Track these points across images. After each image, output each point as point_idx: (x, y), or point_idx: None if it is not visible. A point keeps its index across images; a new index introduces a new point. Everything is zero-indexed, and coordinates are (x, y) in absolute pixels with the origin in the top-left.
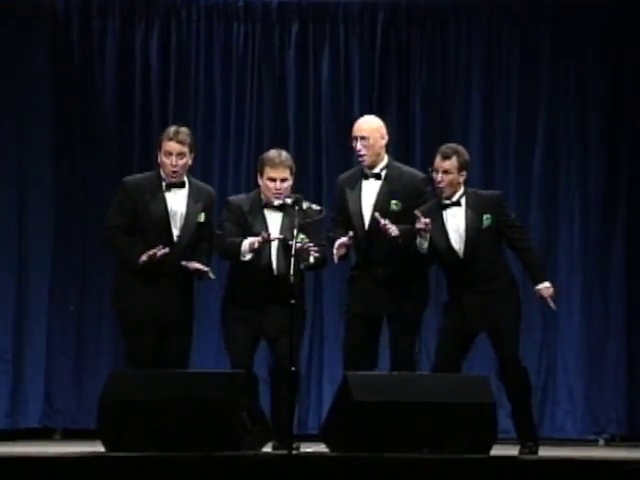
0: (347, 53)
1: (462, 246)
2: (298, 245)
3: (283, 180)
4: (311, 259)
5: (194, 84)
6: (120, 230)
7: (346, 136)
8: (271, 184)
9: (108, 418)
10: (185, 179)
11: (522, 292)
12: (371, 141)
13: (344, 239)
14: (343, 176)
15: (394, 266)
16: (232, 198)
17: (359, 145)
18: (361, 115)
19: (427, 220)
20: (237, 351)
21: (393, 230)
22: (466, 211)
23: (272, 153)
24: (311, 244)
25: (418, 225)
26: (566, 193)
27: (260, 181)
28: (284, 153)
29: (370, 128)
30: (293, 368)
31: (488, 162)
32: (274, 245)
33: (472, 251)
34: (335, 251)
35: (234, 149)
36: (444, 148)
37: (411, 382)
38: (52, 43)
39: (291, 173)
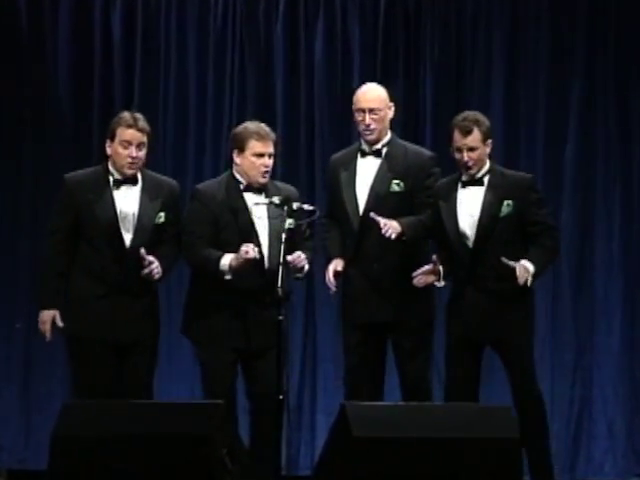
0: (345, 24)
1: (473, 233)
2: (289, 258)
3: (271, 156)
4: (305, 270)
5: (164, 62)
6: (62, 234)
7: (342, 123)
8: (259, 160)
9: (61, 457)
10: (138, 174)
11: (553, 306)
12: (382, 113)
13: (338, 266)
14: (336, 156)
15: (392, 259)
16: (201, 186)
17: (368, 119)
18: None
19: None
20: (213, 374)
21: (395, 228)
22: (486, 193)
23: (254, 126)
24: (302, 257)
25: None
26: (604, 186)
27: (238, 159)
28: (268, 128)
29: (380, 99)
30: (281, 396)
31: (511, 149)
32: (264, 233)
33: (484, 241)
34: (330, 280)
35: (211, 138)
36: (461, 121)
37: (419, 414)
38: None
39: (275, 149)
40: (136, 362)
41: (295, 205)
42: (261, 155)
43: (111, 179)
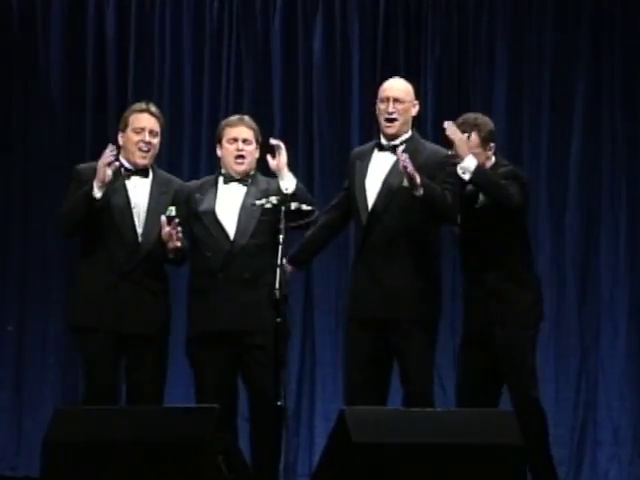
0: (344, 20)
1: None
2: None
3: (246, 142)
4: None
5: (159, 59)
6: None
7: (341, 121)
8: (232, 146)
9: (54, 463)
10: (150, 170)
11: (557, 308)
12: (406, 105)
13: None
14: (356, 149)
15: (397, 256)
16: (187, 183)
17: (391, 107)
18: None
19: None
20: (203, 377)
21: (411, 169)
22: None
23: (231, 117)
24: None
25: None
26: (610, 187)
27: (219, 151)
28: (247, 117)
29: (406, 90)
30: (279, 402)
31: (514, 147)
32: (232, 212)
33: (469, 233)
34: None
35: (207, 139)
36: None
37: (421, 419)
38: None
39: (256, 139)
40: (141, 357)
41: (293, 205)
42: (234, 140)
43: (122, 170)
